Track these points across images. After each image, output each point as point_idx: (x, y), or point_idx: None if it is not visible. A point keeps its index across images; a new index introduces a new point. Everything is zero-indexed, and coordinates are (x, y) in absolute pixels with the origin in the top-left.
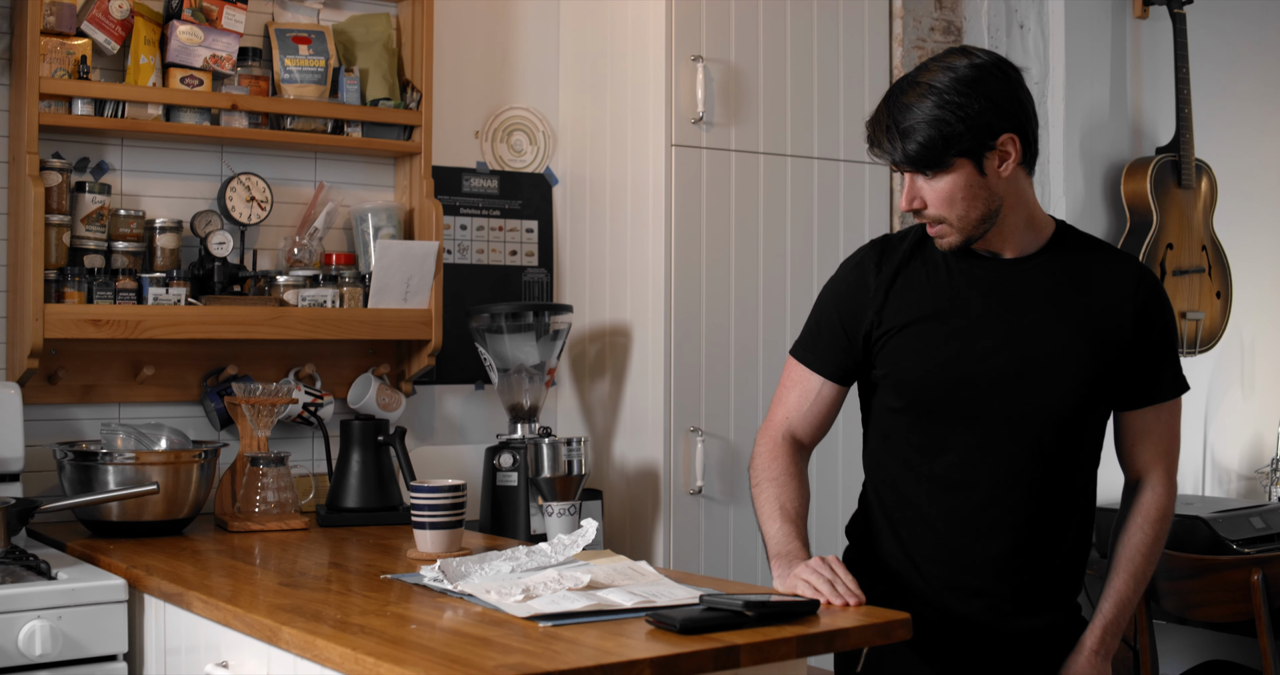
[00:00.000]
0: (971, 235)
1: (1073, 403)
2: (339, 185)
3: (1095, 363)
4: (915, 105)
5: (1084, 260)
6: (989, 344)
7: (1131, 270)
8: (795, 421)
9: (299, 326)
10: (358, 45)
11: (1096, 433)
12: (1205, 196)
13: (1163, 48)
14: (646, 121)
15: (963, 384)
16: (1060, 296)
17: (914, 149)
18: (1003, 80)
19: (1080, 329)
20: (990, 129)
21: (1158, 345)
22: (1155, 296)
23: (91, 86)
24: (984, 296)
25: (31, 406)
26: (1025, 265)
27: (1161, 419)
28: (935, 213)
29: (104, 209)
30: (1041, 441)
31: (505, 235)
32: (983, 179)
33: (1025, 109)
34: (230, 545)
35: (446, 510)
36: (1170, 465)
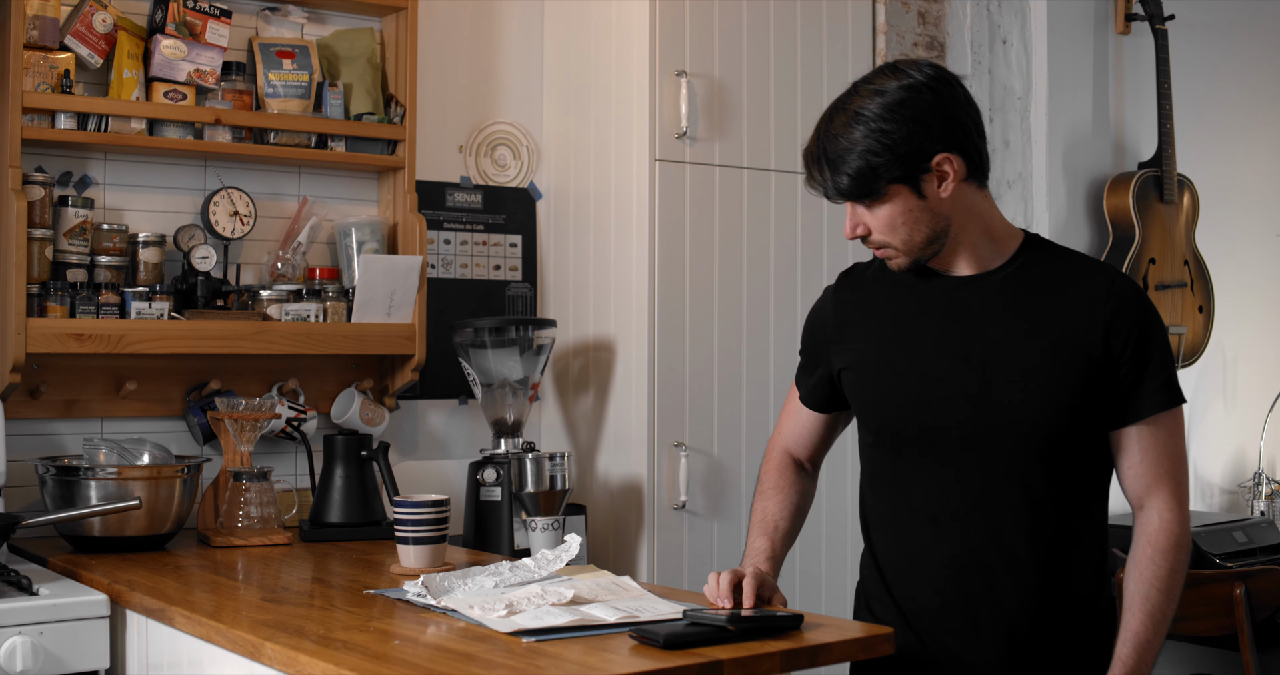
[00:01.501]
0: (920, 257)
1: (1044, 420)
2: (323, 200)
3: (1066, 376)
4: (842, 135)
5: (1052, 270)
6: (947, 364)
7: (1103, 278)
8: (789, 440)
9: (282, 341)
10: (342, 60)
11: (1094, 457)
12: (1187, 211)
13: (1145, 63)
14: (630, 136)
15: (922, 408)
16: (1025, 309)
17: (845, 182)
18: (934, 98)
19: (1048, 342)
20: (922, 153)
21: (1135, 355)
22: (1130, 303)
23: (74, 100)
24: (943, 316)
25: (13, 421)
26: (987, 280)
27: (1155, 436)
28: (879, 239)
29: (87, 223)
30: (1021, 467)
31: (489, 250)
32: (923, 202)
33: (962, 125)
34: (213, 560)
35: (430, 525)
36: (1175, 487)
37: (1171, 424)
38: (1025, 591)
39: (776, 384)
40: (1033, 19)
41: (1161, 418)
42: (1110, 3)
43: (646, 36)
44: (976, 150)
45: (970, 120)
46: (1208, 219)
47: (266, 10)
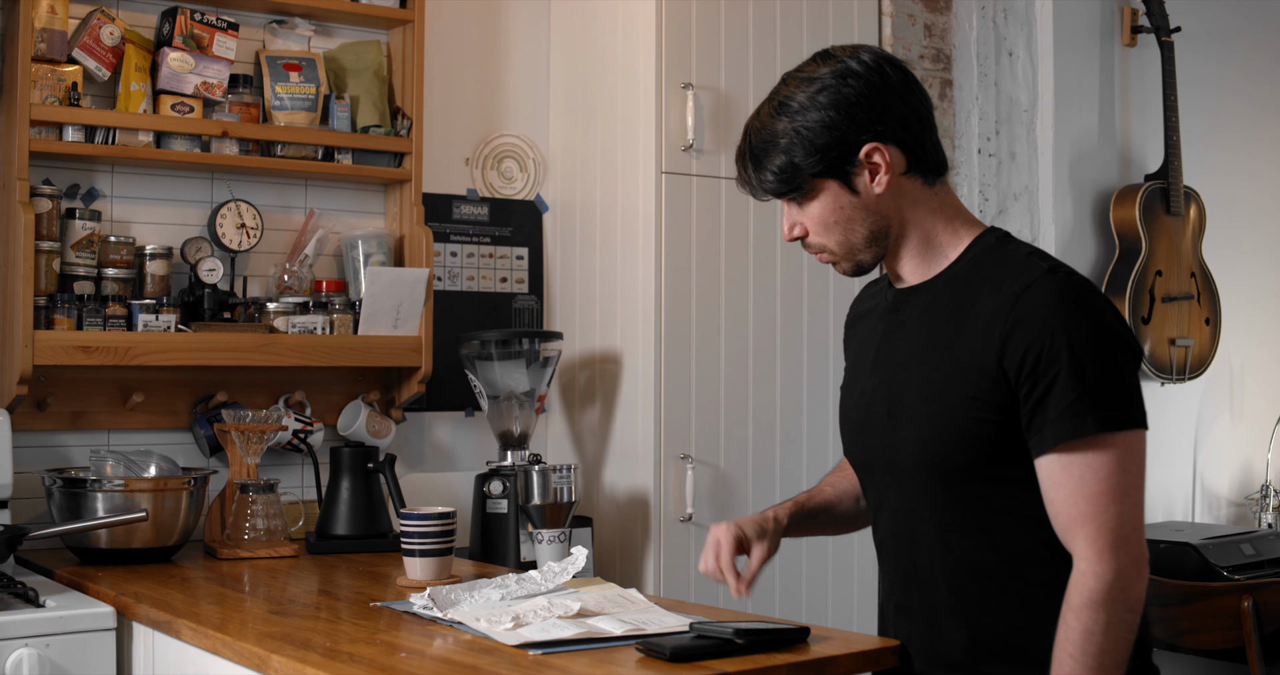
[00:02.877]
0: (861, 261)
1: (938, 449)
2: (329, 212)
3: (959, 400)
4: (766, 127)
5: (980, 275)
6: (872, 384)
7: (1019, 283)
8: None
9: (289, 353)
10: (348, 72)
11: (1018, 489)
12: (1194, 223)
13: (1151, 75)
14: (636, 149)
15: (859, 433)
16: (932, 324)
17: (768, 178)
18: (864, 85)
19: (949, 360)
20: (847, 143)
21: (1034, 375)
22: (1037, 314)
23: (82, 113)
24: (883, 332)
25: (20, 433)
26: (916, 293)
27: (1068, 471)
28: (816, 240)
29: (94, 235)
30: (931, 494)
31: (495, 262)
32: (855, 198)
33: (896, 113)
34: (219, 572)
35: (436, 538)
36: (1095, 532)
37: (1092, 456)
38: (955, 640)
39: (783, 395)
40: (1039, 31)
41: (1077, 448)
42: (1116, 15)
43: (652, 49)
44: (916, 141)
45: (909, 108)
46: (1214, 231)
47: (273, 23)
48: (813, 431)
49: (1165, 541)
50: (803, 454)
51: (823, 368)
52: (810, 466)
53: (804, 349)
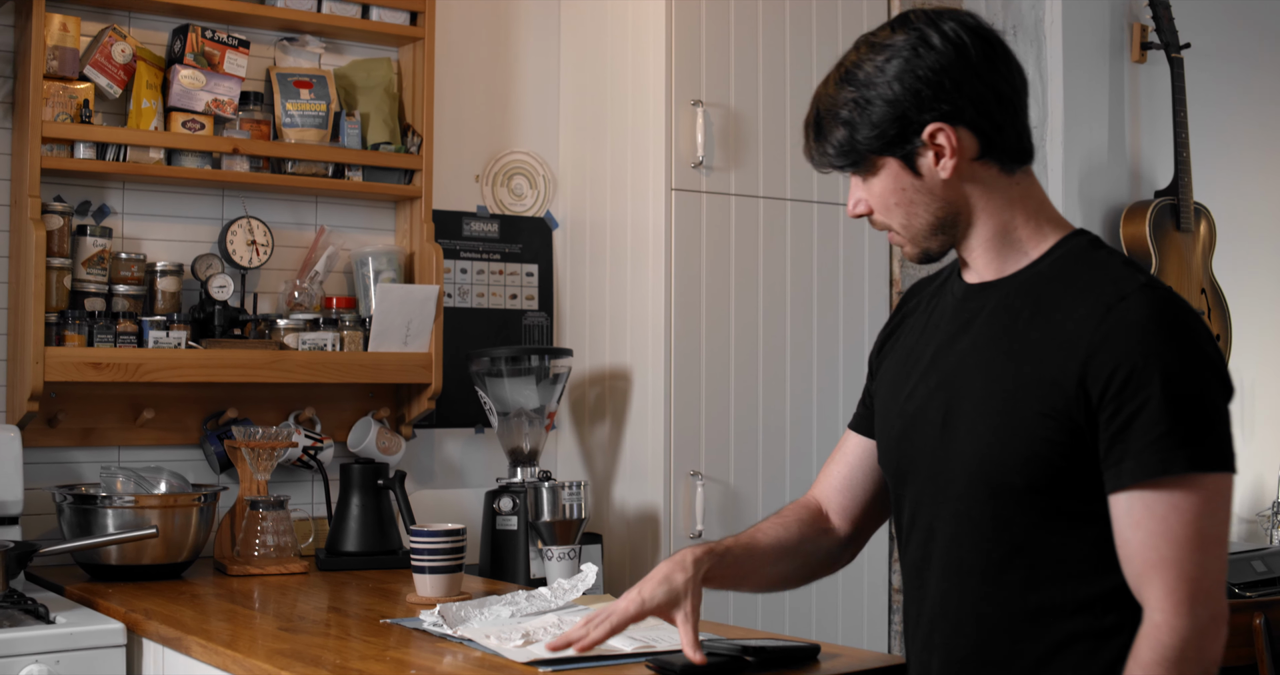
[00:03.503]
0: (927, 248)
1: (995, 469)
2: (340, 229)
3: (1029, 417)
4: (830, 95)
5: (1065, 279)
6: (926, 387)
7: (1112, 292)
8: (822, 485)
9: (299, 370)
10: (359, 89)
11: (1076, 524)
12: (1204, 240)
13: (1161, 92)
14: (646, 166)
15: (902, 439)
16: (1006, 328)
17: (829, 150)
18: (940, 58)
19: (1022, 370)
20: (908, 121)
21: (1119, 399)
22: (1131, 330)
23: (93, 130)
24: (944, 331)
25: (31, 449)
26: (997, 288)
27: (1150, 510)
28: (879, 219)
29: (105, 252)
30: (977, 519)
31: (505, 279)
32: (918, 180)
33: (974, 93)
34: (229, 589)
35: (446, 554)
36: (1175, 581)
37: (1179, 497)
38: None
39: (793, 412)
40: (1048, 48)
41: (1163, 486)
42: (1126, 32)
43: (663, 66)
44: (992, 124)
45: (987, 87)
46: (1225, 247)
47: (284, 40)
48: (823, 448)
49: None
50: (812, 471)
51: (832, 385)
52: None
53: (813, 366)
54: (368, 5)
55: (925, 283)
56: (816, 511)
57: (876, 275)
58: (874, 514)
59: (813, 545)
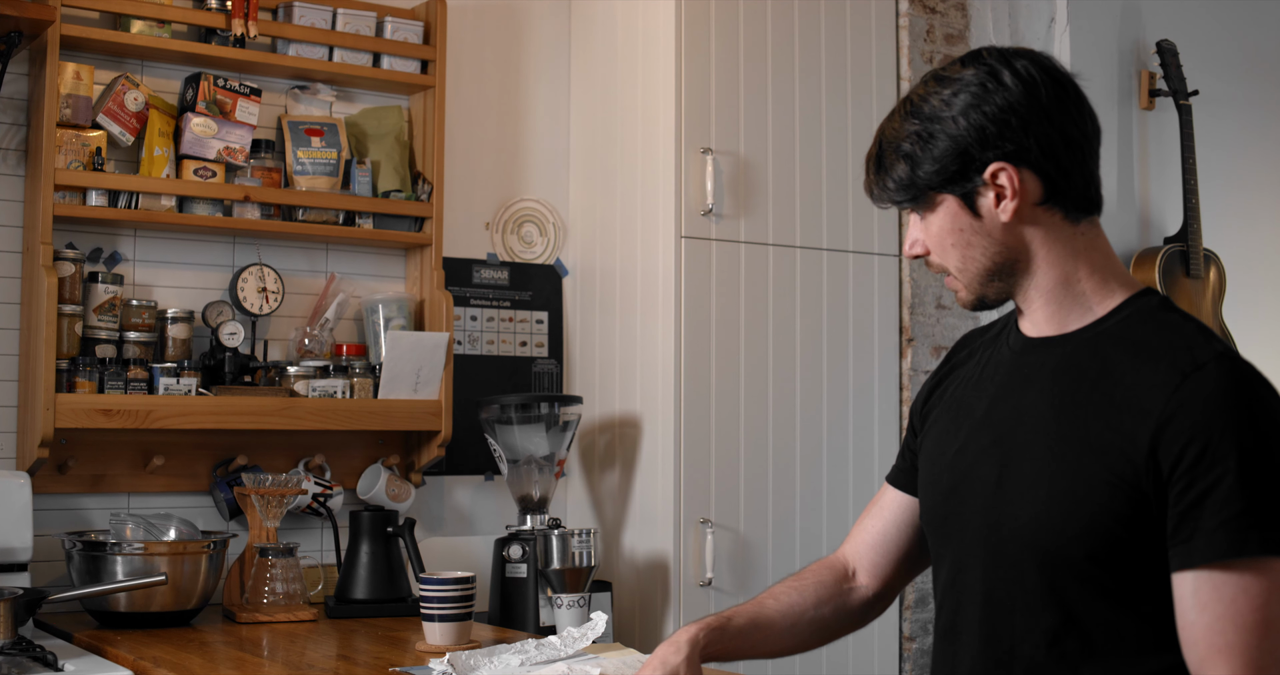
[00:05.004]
0: (983, 294)
1: (1054, 539)
2: (350, 276)
3: (1094, 487)
4: (896, 128)
5: (1134, 342)
6: (981, 446)
7: (1185, 360)
8: (853, 541)
9: (309, 417)
10: (370, 137)
11: (1133, 601)
12: (1214, 286)
13: (1169, 138)
14: (656, 213)
15: (950, 496)
16: (1070, 388)
17: (889, 185)
18: (1006, 95)
19: (1086, 437)
20: (969, 158)
21: (1192, 474)
22: (1206, 402)
23: (106, 178)
24: (1001, 386)
25: (41, 496)
26: (1057, 345)
27: (1217, 592)
28: (936, 260)
29: (116, 299)
30: (1027, 587)
31: (515, 326)
32: (976, 222)
33: (1035, 132)
34: (238, 637)
35: (456, 602)
36: (1239, 669)
37: (1250, 580)
38: None
39: (803, 460)
40: None
41: (1234, 568)
42: (1134, 78)
43: (672, 113)
44: (1059, 168)
45: (1056, 130)
46: (1235, 293)
47: (296, 88)
48: (833, 497)
49: None
50: (823, 519)
51: (842, 432)
52: (830, 531)
53: (824, 414)
54: (379, 54)
55: (977, 333)
56: (841, 572)
57: (886, 323)
58: (906, 571)
59: (832, 608)
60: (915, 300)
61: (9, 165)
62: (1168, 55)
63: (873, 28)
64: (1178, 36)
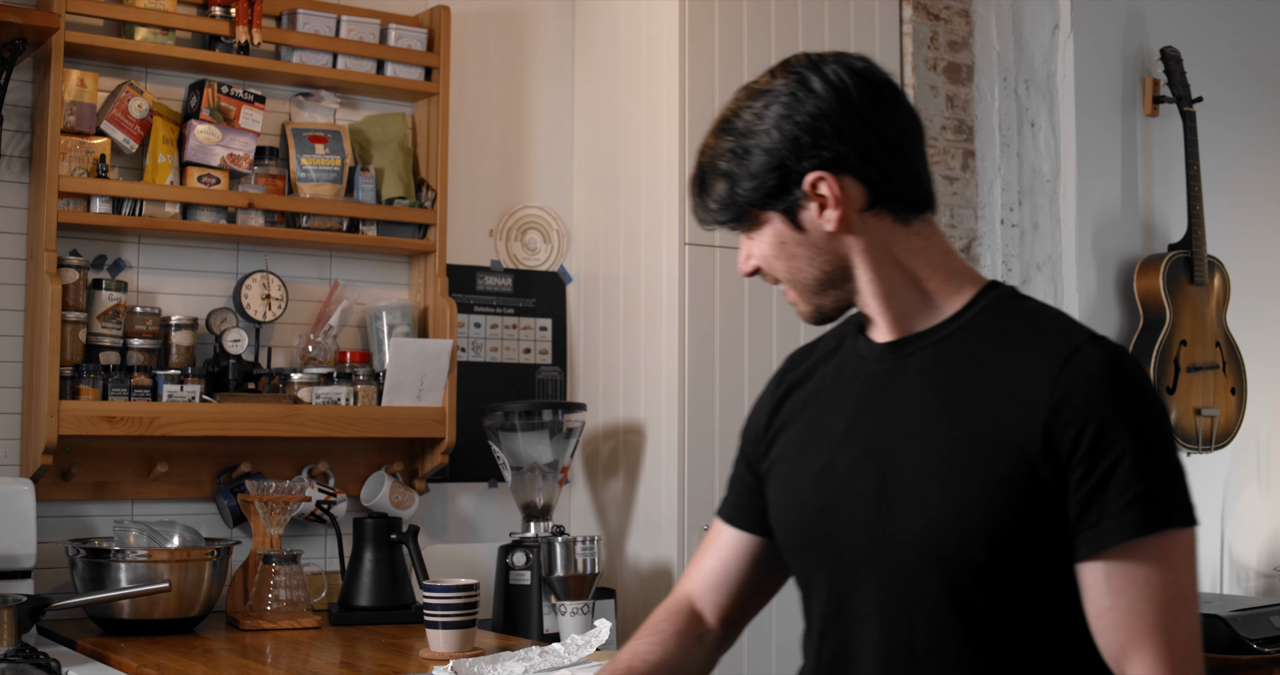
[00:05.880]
0: (819, 305)
1: (952, 544)
2: (354, 283)
3: (986, 483)
4: (712, 146)
5: (1001, 334)
6: (852, 460)
7: (1063, 345)
8: (694, 581)
9: (313, 424)
10: (374, 144)
11: (1057, 602)
12: (1218, 293)
13: (1173, 145)
14: (660, 220)
15: (820, 518)
16: (941, 389)
17: (711, 206)
18: (817, 102)
19: (968, 433)
20: (786, 170)
21: (1091, 457)
22: (1094, 381)
23: (110, 185)
24: (858, 397)
25: (45, 503)
26: (914, 346)
27: (1130, 575)
28: (769, 275)
29: (120, 306)
30: (925, 601)
31: (519, 333)
32: (801, 234)
33: (850, 137)
34: (242, 644)
35: (459, 609)
36: (1163, 649)
37: (1159, 556)
38: None
39: None
40: (1061, 102)
41: (1142, 547)
42: (1138, 85)
43: (676, 120)
44: (880, 172)
45: (877, 135)
46: (1239, 300)
47: (300, 95)
48: None
49: None
50: None
51: None
52: None
53: None
54: (383, 61)
55: (806, 351)
56: (691, 618)
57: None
58: (752, 609)
59: (691, 657)
60: None
61: (13, 172)
62: (1171, 62)
63: (876, 35)
64: (1182, 43)
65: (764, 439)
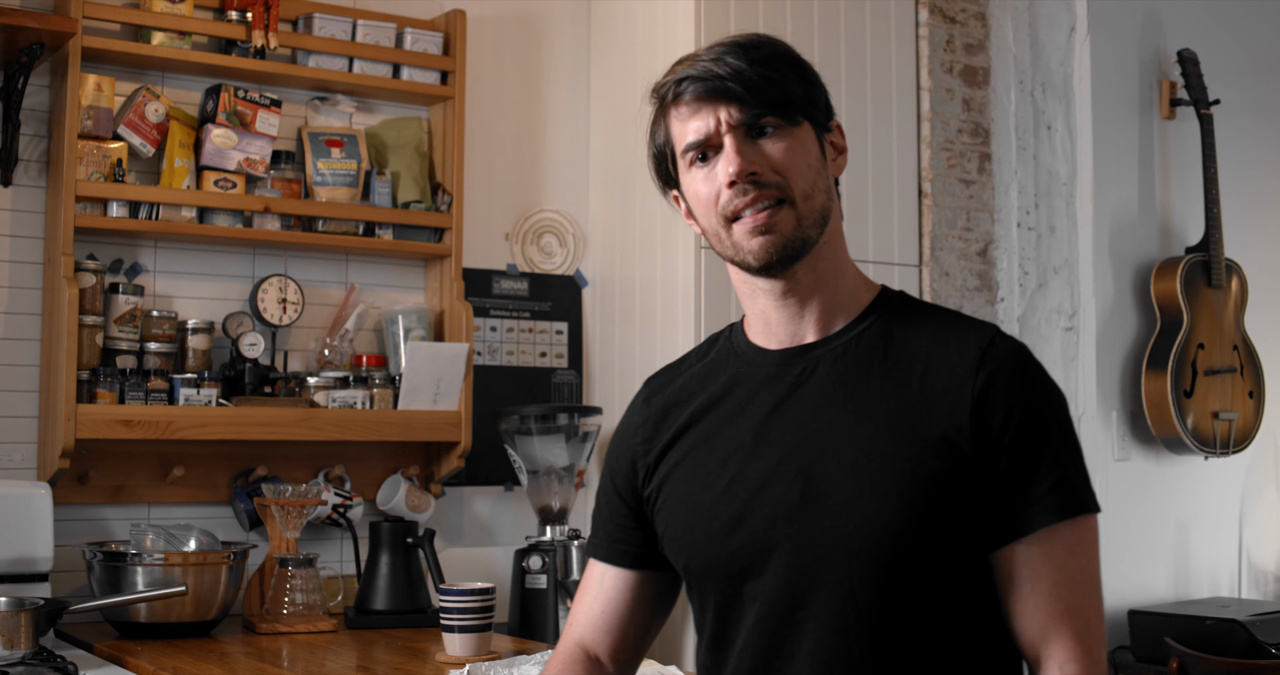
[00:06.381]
0: (808, 235)
1: (887, 534)
2: (370, 287)
3: (917, 476)
4: (768, 44)
5: (911, 333)
6: (767, 467)
7: (976, 341)
8: (583, 626)
9: (329, 428)
10: (390, 148)
11: (983, 593)
12: (1236, 296)
13: (1190, 148)
14: (676, 223)
15: (735, 531)
16: (865, 387)
17: (773, 80)
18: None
19: (891, 429)
20: (829, 101)
21: (1018, 443)
22: (1012, 371)
23: (126, 189)
24: (762, 405)
25: (61, 506)
26: (824, 348)
27: (1049, 558)
28: (776, 179)
29: (137, 310)
30: (860, 602)
31: (535, 337)
32: (823, 159)
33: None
34: (258, 647)
35: (475, 613)
36: (1082, 630)
37: (1074, 541)
38: None
39: None
40: (1077, 105)
41: (1059, 533)
42: (1155, 88)
43: None
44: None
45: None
46: (1257, 303)
47: (315, 99)
48: None
49: (1212, 618)
50: None
51: None
52: None
53: None
54: (398, 65)
55: (670, 371)
56: (587, 662)
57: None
58: (644, 645)
59: None
60: None
61: (30, 176)
62: (1189, 64)
63: (892, 38)
64: (1199, 45)
65: (644, 464)
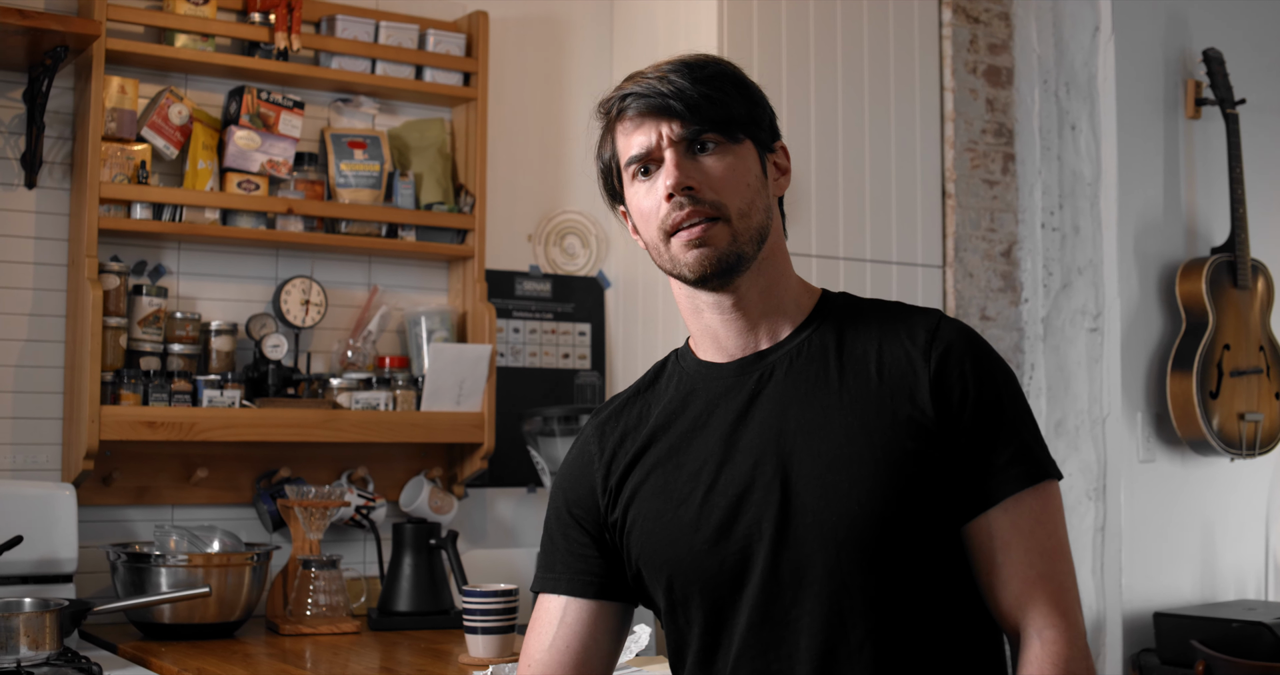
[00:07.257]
0: (744, 251)
1: (868, 524)
2: (393, 288)
3: (898, 456)
4: (710, 63)
5: (859, 326)
6: (740, 473)
7: (924, 325)
8: (547, 662)
9: (352, 429)
10: (412, 150)
11: (939, 567)
12: (1261, 296)
13: (1216, 148)
14: None
15: (719, 538)
16: (816, 384)
17: (713, 97)
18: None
19: (859, 418)
20: (773, 123)
21: (978, 414)
22: (962, 348)
23: (150, 191)
24: (724, 415)
25: (86, 507)
26: (777, 353)
27: (1017, 526)
28: (713, 197)
29: (160, 312)
30: (853, 591)
31: (558, 338)
32: (764, 179)
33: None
34: (281, 648)
35: (499, 615)
36: (1057, 594)
37: (1039, 508)
38: None
39: None
40: (1101, 105)
41: (1024, 501)
42: (1180, 88)
43: None
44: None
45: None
46: None
47: (338, 101)
48: None
49: (1238, 620)
50: None
51: None
52: None
53: None
54: (421, 66)
55: (619, 402)
56: None
57: None
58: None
59: None
60: (959, 311)
61: (55, 178)
62: (1214, 64)
63: (915, 38)
64: (1224, 44)
65: (605, 490)
